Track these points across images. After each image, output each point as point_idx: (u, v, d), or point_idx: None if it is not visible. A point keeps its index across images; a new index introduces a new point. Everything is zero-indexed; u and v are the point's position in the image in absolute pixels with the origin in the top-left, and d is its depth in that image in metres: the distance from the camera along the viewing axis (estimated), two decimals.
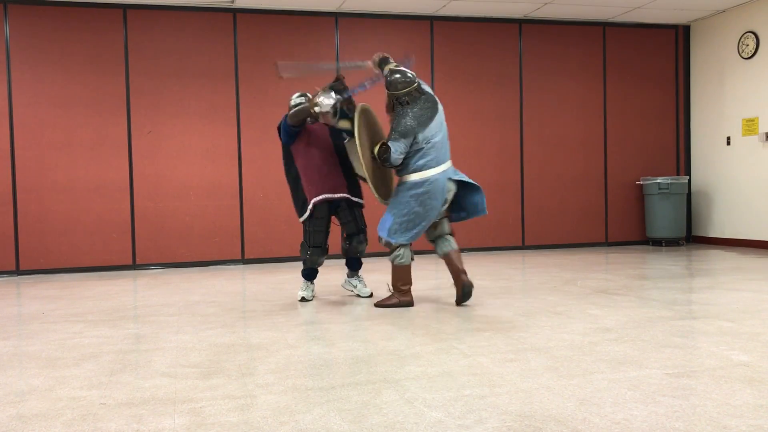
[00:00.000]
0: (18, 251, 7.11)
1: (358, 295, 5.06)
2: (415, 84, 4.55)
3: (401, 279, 4.53)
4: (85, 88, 7.26)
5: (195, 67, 7.54)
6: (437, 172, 4.46)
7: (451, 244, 4.69)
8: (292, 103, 4.86)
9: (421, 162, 4.41)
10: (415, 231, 4.44)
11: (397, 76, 4.54)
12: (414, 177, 4.41)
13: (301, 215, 4.77)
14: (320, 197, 4.62)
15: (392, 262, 4.51)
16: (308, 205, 4.68)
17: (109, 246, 7.33)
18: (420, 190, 4.38)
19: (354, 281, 5.06)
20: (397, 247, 4.47)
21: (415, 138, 4.41)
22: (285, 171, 4.90)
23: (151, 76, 7.43)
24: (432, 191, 4.41)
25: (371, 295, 5.01)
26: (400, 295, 4.55)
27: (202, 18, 7.57)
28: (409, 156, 4.43)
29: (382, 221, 4.49)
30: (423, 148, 4.42)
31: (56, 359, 3.31)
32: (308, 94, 4.85)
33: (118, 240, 7.35)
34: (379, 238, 4.47)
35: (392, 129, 4.47)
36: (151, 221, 7.44)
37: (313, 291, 4.97)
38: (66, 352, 3.47)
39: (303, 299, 4.88)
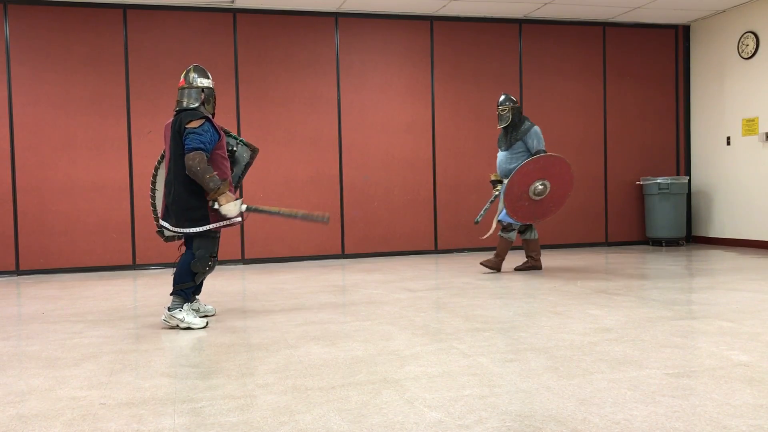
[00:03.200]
0: (18, 251, 7.11)
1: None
2: None
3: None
4: (85, 88, 7.26)
5: None
6: None
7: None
8: (205, 83, 4.21)
9: None
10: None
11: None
12: None
13: (196, 226, 4.05)
14: (238, 219, 4.27)
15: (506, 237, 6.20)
16: (216, 221, 4.08)
17: (109, 246, 7.33)
18: None
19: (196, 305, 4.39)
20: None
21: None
22: (176, 167, 4.08)
23: (151, 76, 7.43)
24: None
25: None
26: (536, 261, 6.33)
27: (202, 18, 7.57)
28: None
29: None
30: None
31: (56, 359, 3.31)
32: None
33: (118, 240, 7.36)
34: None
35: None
36: (151, 221, 7.43)
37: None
38: (66, 352, 3.47)
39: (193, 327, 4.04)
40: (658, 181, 8.48)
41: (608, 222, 8.91)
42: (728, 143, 8.49)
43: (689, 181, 9.08)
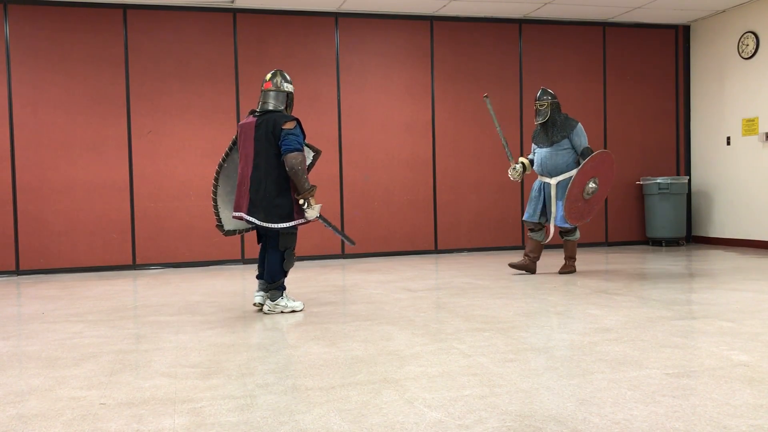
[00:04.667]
0: (18, 251, 7.11)
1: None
2: None
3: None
4: (85, 88, 7.26)
5: (195, 67, 7.54)
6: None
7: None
8: (290, 89, 4.50)
9: None
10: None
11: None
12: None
13: (283, 222, 4.33)
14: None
15: (573, 239, 6.11)
16: (299, 218, 4.38)
17: (109, 246, 7.33)
18: None
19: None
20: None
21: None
22: (267, 166, 4.33)
23: (151, 76, 7.43)
24: None
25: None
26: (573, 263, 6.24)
27: (202, 18, 7.57)
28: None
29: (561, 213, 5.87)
30: None
31: (56, 359, 3.31)
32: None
33: (118, 240, 7.36)
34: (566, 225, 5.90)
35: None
36: (151, 221, 7.44)
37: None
38: (66, 352, 3.47)
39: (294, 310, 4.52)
40: (658, 181, 8.48)
41: (608, 222, 8.91)
42: (728, 143, 8.49)
43: (689, 181, 9.08)
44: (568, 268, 6.17)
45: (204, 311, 4.61)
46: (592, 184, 5.74)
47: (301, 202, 4.36)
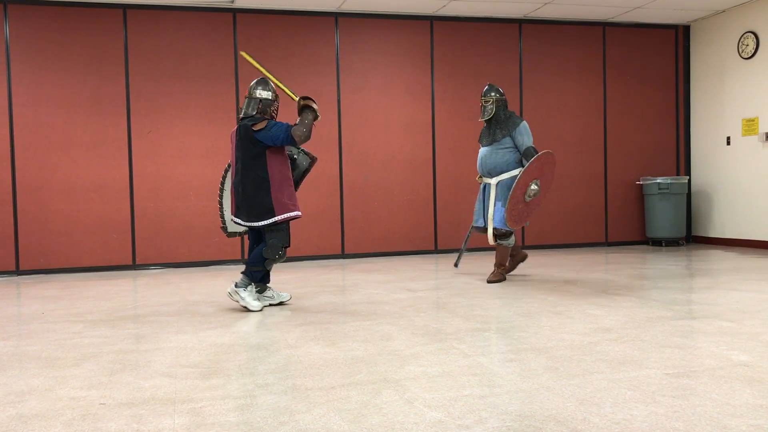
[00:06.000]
0: (18, 251, 7.11)
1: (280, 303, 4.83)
2: None
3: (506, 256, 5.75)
4: (85, 88, 7.26)
5: (195, 67, 7.54)
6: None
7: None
8: (263, 95, 4.63)
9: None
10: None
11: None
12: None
13: (263, 219, 4.52)
14: (299, 213, 4.64)
15: (506, 244, 5.64)
16: (281, 213, 4.52)
17: (109, 246, 7.33)
18: None
19: (270, 292, 4.85)
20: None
21: None
22: (244, 169, 4.53)
23: (151, 76, 7.43)
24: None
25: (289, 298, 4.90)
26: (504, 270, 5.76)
27: (202, 18, 7.57)
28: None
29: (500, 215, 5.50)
30: None
31: (56, 359, 3.31)
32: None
33: (118, 240, 7.36)
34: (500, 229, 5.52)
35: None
36: (151, 221, 7.44)
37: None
38: (66, 352, 3.47)
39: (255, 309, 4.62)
40: (658, 181, 8.48)
41: (608, 222, 8.91)
42: (728, 143, 8.49)
43: (689, 181, 9.08)
44: (497, 276, 5.64)
45: (204, 311, 4.61)
46: (534, 186, 5.42)
47: (314, 108, 4.54)
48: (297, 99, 4.63)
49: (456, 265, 6.47)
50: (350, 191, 8.01)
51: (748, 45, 8.13)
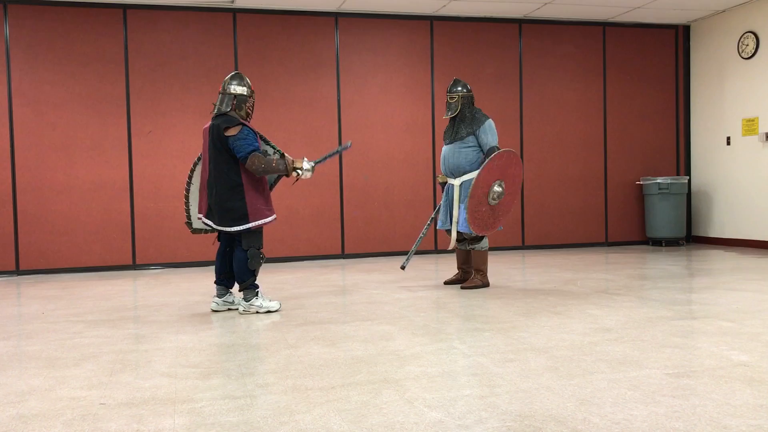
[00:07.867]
0: (18, 251, 7.11)
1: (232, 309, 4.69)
2: None
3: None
4: (85, 88, 7.26)
5: (195, 67, 7.54)
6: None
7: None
8: (238, 91, 4.44)
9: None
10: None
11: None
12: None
13: (237, 225, 4.37)
14: (275, 218, 4.53)
15: (478, 248, 5.33)
16: (255, 220, 4.37)
17: (109, 246, 7.33)
18: None
19: (230, 298, 4.71)
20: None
21: None
22: (217, 171, 4.38)
23: (151, 76, 7.43)
24: None
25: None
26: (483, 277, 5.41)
27: (202, 18, 7.57)
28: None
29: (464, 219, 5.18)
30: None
31: (56, 359, 3.31)
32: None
33: (118, 240, 7.35)
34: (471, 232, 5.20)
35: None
36: (151, 221, 7.44)
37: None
38: (66, 352, 3.47)
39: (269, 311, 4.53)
40: (658, 181, 8.48)
41: (608, 222, 8.91)
42: (728, 143, 8.49)
43: (689, 181, 9.08)
44: (473, 283, 5.35)
45: (204, 311, 4.62)
46: (497, 188, 5.06)
47: (294, 176, 4.49)
48: (301, 164, 4.48)
49: (403, 267, 5.67)
50: (350, 191, 8.00)
51: (748, 45, 8.13)
